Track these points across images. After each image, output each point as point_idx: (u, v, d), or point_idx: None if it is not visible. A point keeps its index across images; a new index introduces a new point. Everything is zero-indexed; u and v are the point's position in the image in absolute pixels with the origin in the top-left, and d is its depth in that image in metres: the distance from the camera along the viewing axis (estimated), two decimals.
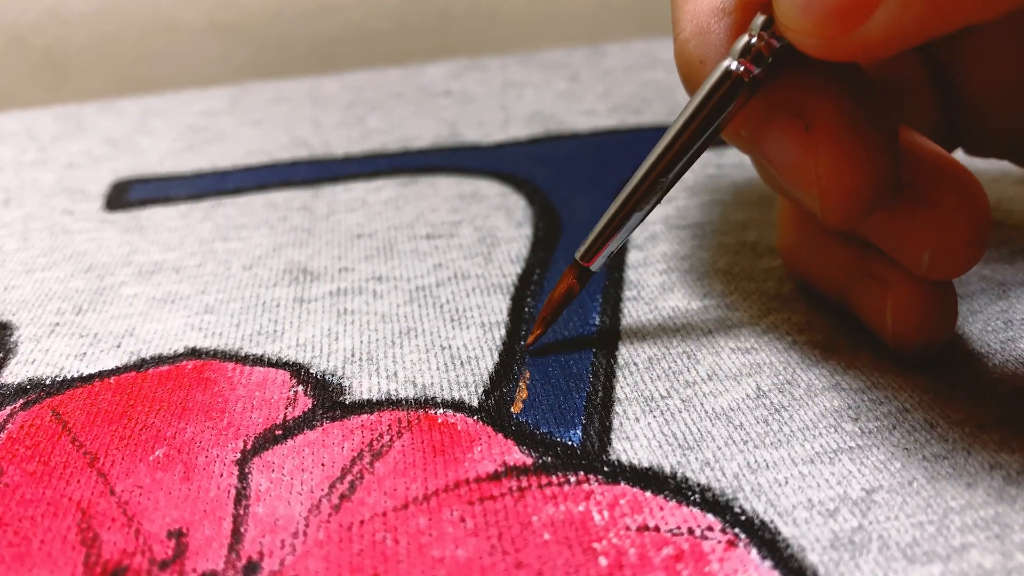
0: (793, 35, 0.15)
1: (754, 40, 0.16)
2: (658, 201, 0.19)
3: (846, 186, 0.16)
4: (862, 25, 0.14)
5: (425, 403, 0.19)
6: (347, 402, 0.19)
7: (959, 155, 0.21)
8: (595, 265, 0.20)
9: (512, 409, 0.19)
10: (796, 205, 0.20)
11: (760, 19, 0.16)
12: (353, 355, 0.21)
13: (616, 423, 0.18)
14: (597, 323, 0.21)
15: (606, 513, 0.16)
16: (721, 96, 0.17)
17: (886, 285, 0.19)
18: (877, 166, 0.16)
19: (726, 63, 0.17)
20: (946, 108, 0.21)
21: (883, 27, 0.13)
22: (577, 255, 0.20)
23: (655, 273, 0.23)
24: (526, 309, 0.22)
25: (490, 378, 0.20)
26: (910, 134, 0.18)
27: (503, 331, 0.21)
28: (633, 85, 0.38)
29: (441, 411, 0.19)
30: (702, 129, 0.17)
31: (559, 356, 0.20)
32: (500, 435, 0.18)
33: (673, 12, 0.19)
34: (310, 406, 0.19)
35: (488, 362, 0.20)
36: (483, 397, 0.19)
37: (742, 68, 0.17)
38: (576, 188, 0.29)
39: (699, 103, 0.17)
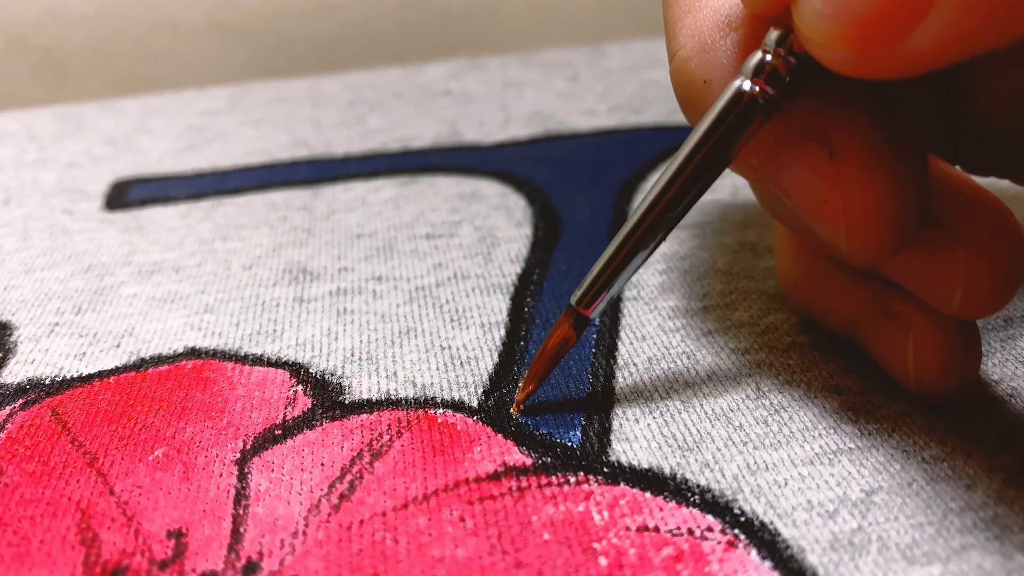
0: (819, 49, 0.13)
1: (769, 57, 0.15)
2: (662, 239, 0.17)
3: (876, 221, 0.14)
4: (908, 36, 0.11)
5: (425, 403, 0.19)
6: (347, 402, 0.19)
7: None
8: (594, 313, 0.17)
9: (512, 411, 0.19)
10: (798, 236, 0.19)
11: (774, 34, 0.15)
12: (353, 355, 0.21)
13: (616, 424, 0.18)
14: (597, 323, 0.21)
15: (606, 513, 0.16)
16: (733, 121, 0.15)
17: (906, 324, 0.17)
18: (909, 198, 0.15)
19: (738, 83, 0.15)
20: (949, 124, 0.20)
21: (933, 38, 0.11)
22: (573, 301, 0.18)
23: (654, 273, 0.23)
24: (526, 309, 0.22)
25: (490, 379, 0.20)
26: (935, 160, 0.17)
27: (503, 331, 0.21)
28: (633, 85, 0.38)
29: (441, 411, 0.19)
30: (711, 159, 0.16)
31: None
32: (500, 435, 0.18)
33: (667, 27, 0.17)
34: (310, 406, 0.19)
35: (488, 362, 0.20)
36: (483, 398, 0.19)
37: (756, 89, 0.15)
38: (576, 188, 0.29)
39: (707, 129, 0.15)
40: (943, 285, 0.16)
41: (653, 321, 0.21)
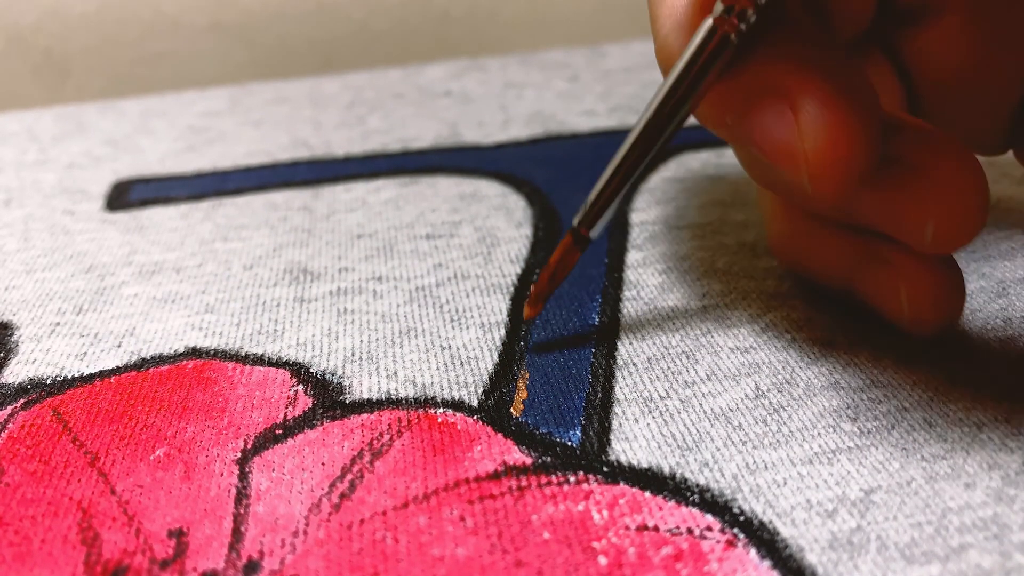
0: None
1: (734, 5, 0.17)
2: (652, 165, 0.19)
3: (834, 161, 0.16)
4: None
5: (425, 403, 0.19)
6: (347, 401, 0.19)
7: None
8: (594, 232, 0.19)
9: (512, 410, 0.19)
10: (779, 195, 0.21)
11: (720, 7, 0.17)
12: (353, 355, 0.21)
13: (615, 424, 0.18)
14: (597, 323, 0.21)
15: (605, 512, 0.16)
16: (708, 55, 0.17)
17: (895, 267, 0.19)
18: (864, 133, 0.16)
19: (709, 20, 0.17)
20: (909, 99, 0.21)
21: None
22: (575, 222, 0.20)
23: (654, 273, 0.23)
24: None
25: (490, 378, 0.20)
26: (895, 109, 0.18)
27: (503, 331, 0.21)
28: (633, 85, 0.38)
29: (441, 411, 0.19)
30: (690, 89, 0.17)
31: (558, 356, 0.20)
32: (500, 435, 0.18)
33: (651, 10, 0.19)
34: (310, 405, 0.19)
35: (488, 362, 0.20)
36: (483, 397, 0.19)
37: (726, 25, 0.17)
38: (576, 188, 0.29)
39: (686, 63, 0.17)
40: (915, 220, 0.17)
41: (653, 321, 0.21)
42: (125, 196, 0.30)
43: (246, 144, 0.34)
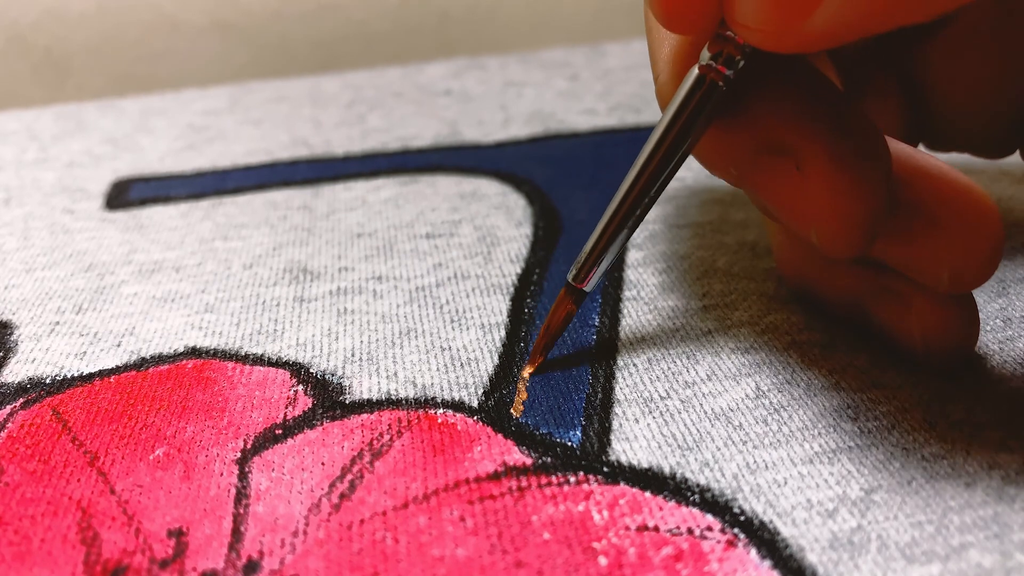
0: (747, 31, 0.15)
1: (721, 52, 0.16)
2: (643, 215, 0.19)
3: (843, 224, 0.16)
4: (807, 19, 0.14)
5: (425, 403, 0.19)
6: (347, 401, 0.19)
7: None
8: (589, 286, 0.19)
9: (512, 411, 0.19)
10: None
11: (707, 54, 0.17)
12: (353, 355, 0.21)
13: (615, 424, 0.18)
14: (597, 323, 0.21)
15: (606, 513, 0.16)
16: (695, 103, 0.17)
17: (907, 300, 0.19)
18: (872, 200, 0.16)
19: (696, 68, 0.17)
20: (912, 106, 0.22)
21: (825, 21, 0.14)
22: (569, 277, 0.19)
23: (654, 273, 0.23)
24: (525, 310, 0.22)
25: (490, 379, 0.20)
26: (909, 150, 0.18)
27: (503, 332, 0.21)
28: (633, 84, 0.38)
29: (441, 411, 0.19)
30: (681, 137, 0.17)
31: (558, 356, 0.20)
32: (500, 435, 0.18)
33: (650, 53, 0.19)
34: (310, 405, 0.19)
35: (488, 363, 0.20)
36: (483, 398, 0.19)
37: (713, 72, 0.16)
38: (576, 187, 0.29)
39: (675, 111, 0.17)
40: (931, 268, 0.17)
41: (653, 321, 0.21)
42: (125, 195, 0.30)
43: (246, 143, 0.34)
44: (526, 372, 0.20)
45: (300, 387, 0.20)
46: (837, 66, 0.22)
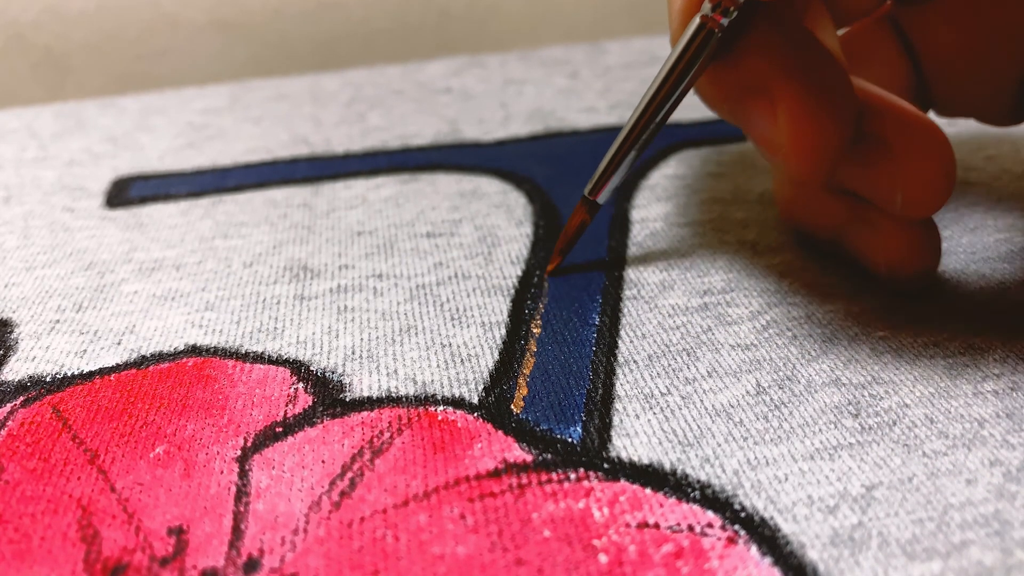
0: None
1: (720, 2, 0.19)
2: (650, 140, 0.21)
3: (806, 151, 0.19)
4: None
5: (425, 400, 0.19)
6: (347, 399, 0.19)
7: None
8: (601, 198, 0.23)
9: (512, 407, 0.19)
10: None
11: (707, 5, 0.19)
12: (353, 352, 0.21)
13: (616, 420, 0.18)
14: (597, 321, 0.21)
15: (606, 510, 0.16)
16: (696, 46, 0.20)
17: (875, 226, 0.21)
18: (830, 133, 0.19)
19: (698, 17, 0.19)
20: (917, 75, 0.24)
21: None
22: (586, 191, 0.23)
23: (655, 271, 0.23)
24: (526, 310, 0.22)
25: (490, 375, 0.20)
26: (875, 90, 0.21)
27: (503, 330, 0.21)
28: (633, 82, 0.38)
29: (441, 408, 0.19)
30: (684, 74, 0.20)
31: (558, 354, 0.20)
32: (500, 432, 0.18)
33: (668, 7, 0.21)
34: (310, 403, 0.19)
35: (488, 360, 0.20)
36: (483, 394, 0.19)
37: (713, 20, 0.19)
38: (576, 185, 0.29)
39: (680, 52, 0.20)
40: (887, 191, 0.20)
41: (653, 319, 0.21)
42: (125, 193, 0.30)
43: (246, 141, 0.34)
44: (546, 272, 0.23)
45: (300, 385, 0.20)
46: (839, 26, 0.23)
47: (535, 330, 0.21)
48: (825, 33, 0.21)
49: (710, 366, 0.20)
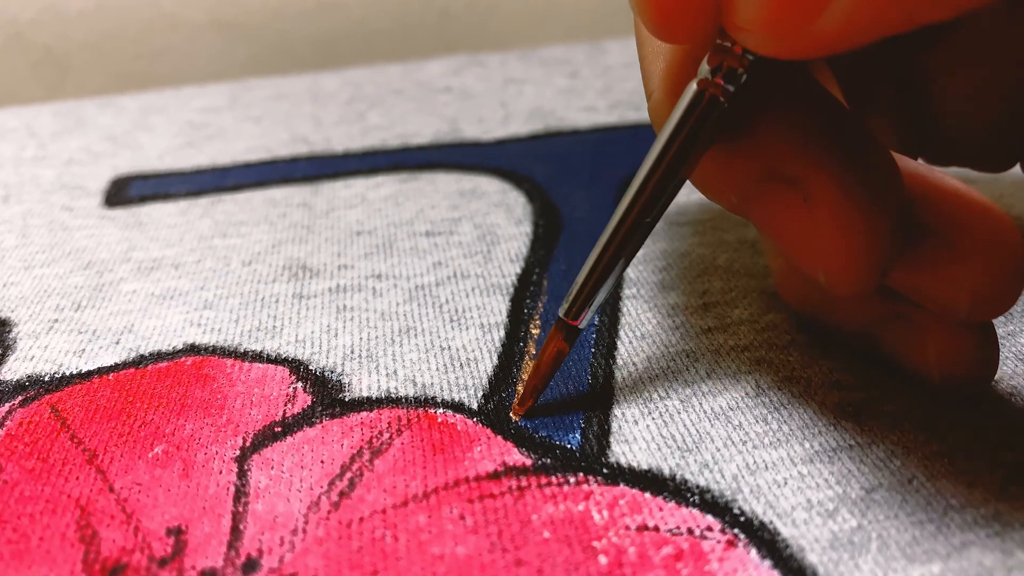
0: (749, 35, 0.14)
1: (721, 64, 0.15)
2: (640, 244, 0.17)
3: (854, 263, 0.15)
4: (816, 20, 0.12)
5: (425, 402, 0.19)
6: (347, 399, 0.19)
7: None
8: (583, 323, 0.18)
9: (511, 414, 0.18)
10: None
11: (706, 68, 0.15)
12: (353, 352, 0.21)
13: (615, 426, 0.18)
14: (596, 322, 0.21)
15: (606, 513, 0.16)
16: (694, 121, 0.15)
17: (922, 329, 0.18)
18: (884, 235, 0.15)
19: (695, 83, 0.15)
20: (911, 119, 0.21)
21: (837, 21, 0.12)
22: (561, 313, 0.18)
23: (654, 270, 0.23)
24: (525, 311, 0.22)
25: (489, 381, 0.20)
26: (922, 168, 0.17)
27: (502, 332, 0.21)
28: (633, 81, 0.38)
29: (441, 411, 0.19)
30: (679, 160, 0.16)
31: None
32: (499, 437, 0.18)
33: (642, 68, 0.17)
34: (309, 403, 0.19)
35: (487, 364, 0.20)
36: (482, 401, 0.19)
37: (715, 87, 0.15)
38: (576, 185, 0.29)
39: (672, 131, 0.15)
40: (949, 296, 0.16)
41: (653, 320, 0.21)
42: (124, 192, 0.30)
43: (245, 140, 0.34)
44: (514, 415, 0.18)
45: (299, 384, 0.20)
46: (836, 78, 0.21)
47: (534, 331, 0.21)
48: (828, 84, 0.18)
49: (709, 368, 0.20)
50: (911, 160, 0.17)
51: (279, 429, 0.18)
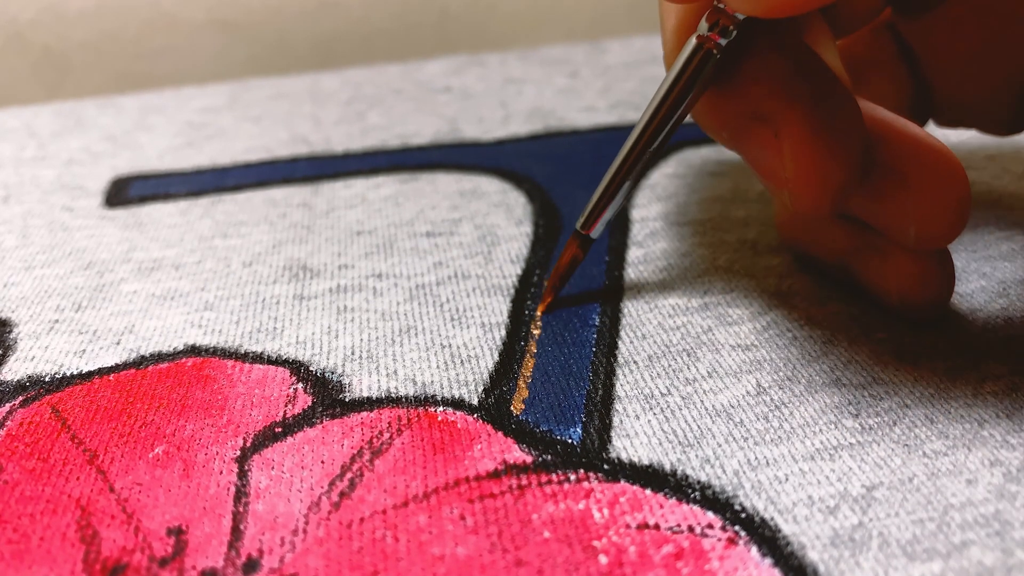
0: (737, 2, 0.16)
1: (717, 22, 0.18)
2: (645, 170, 0.20)
3: (813, 187, 0.18)
4: None
5: (425, 401, 0.19)
6: (347, 400, 0.19)
7: (932, 129, 0.24)
8: (595, 232, 0.21)
9: (512, 408, 0.19)
10: None
11: (704, 25, 0.18)
12: (353, 353, 0.21)
13: (616, 421, 0.18)
14: (597, 322, 0.21)
15: (606, 511, 0.16)
16: (692, 68, 0.18)
17: (885, 255, 0.20)
18: (839, 166, 0.17)
19: (694, 37, 0.18)
20: (916, 83, 0.23)
21: None
22: (577, 225, 0.21)
23: (655, 271, 0.23)
24: (526, 311, 0.22)
25: (490, 376, 0.20)
26: (886, 115, 0.19)
27: (503, 331, 0.21)
28: (633, 81, 0.38)
29: (441, 409, 0.19)
30: (680, 99, 0.19)
31: (558, 355, 0.20)
32: (500, 433, 0.18)
33: (661, 27, 0.20)
34: (310, 403, 0.19)
35: (488, 361, 0.20)
36: (483, 396, 0.19)
37: (710, 41, 0.18)
38: (576, 185, 0.29)
39: (675, 75, 0.19)
40: (898, 224, 0.19)
41: (653, 319, 0.21)
42: (124, 192, 0.30)
43: (245, 140, 0.34)
44: (539, 311, 0.22)
45: (300, 385, 0.20)
46: (838, 37, 0.22)
47: (535, 331, 0.21)
48: (826, 51, 0.20)
49: (710, 366, 0.20)
50: (879, 109, 0.20)
51: (279, 430, 0.18)
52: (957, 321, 0.20)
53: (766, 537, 0.15)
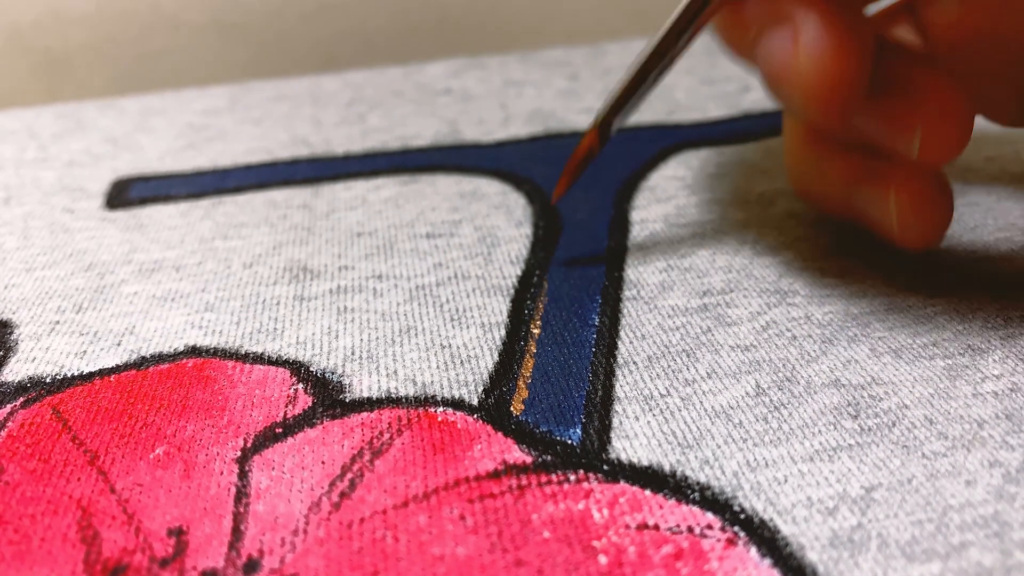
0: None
1: None
2: (662, 73, 0.21)
3: (826, 77, 0.18)
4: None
5: (425, 401, 0.19)
6: (347, 400, 0.19)
7: None
8: (611, 130, 0.23)
9: (512, 409, 0.19)
10: (799, 127, 0.23)
11: None
12: (353, 353, 0.21)
13: (616, 422, 0.18)
14: (597, 322, 0.21)
15: (606, 511, 0.16)
16: None
17: (887, 179, 0.21)
18: (855, 57, 0.18)
19: None
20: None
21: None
22: (597, 121, 0.23)
23: (655, 271, 0.23)
24: (526, 311, 0.22)
25: (490, 377, 0.20)
26: (893, 39, 0.21)
27: (503, 331, 0.21)
28: None
29: (441, 409, 0.19)
30: (698, 6, 0.20)
31: (558, 355, 0.20)
32: (500, 434, 0.18)
33: None
34: (310, 404, 0.19)
35: (488, 361, 0.20)
36: (483, 396, 0.19)
37: None
38: (576, 186, 0.28)
39: None
40: (904, 131, 0.20)
41: (653, 320, 0.21)
42: (125, 194, 0.30)
43: (246, 142, 0.34)
44: (552, 199, 0.24)
45: (300, 385, 0.20)
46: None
47: (535, 331, 0.21)
48: None
49: (710, 367, 0.20)
50: (892, 36, 0.21)
51: (280, 430, 0.18)
52: (956, 321, 0.20)
53: (765, 538, 0.15)
